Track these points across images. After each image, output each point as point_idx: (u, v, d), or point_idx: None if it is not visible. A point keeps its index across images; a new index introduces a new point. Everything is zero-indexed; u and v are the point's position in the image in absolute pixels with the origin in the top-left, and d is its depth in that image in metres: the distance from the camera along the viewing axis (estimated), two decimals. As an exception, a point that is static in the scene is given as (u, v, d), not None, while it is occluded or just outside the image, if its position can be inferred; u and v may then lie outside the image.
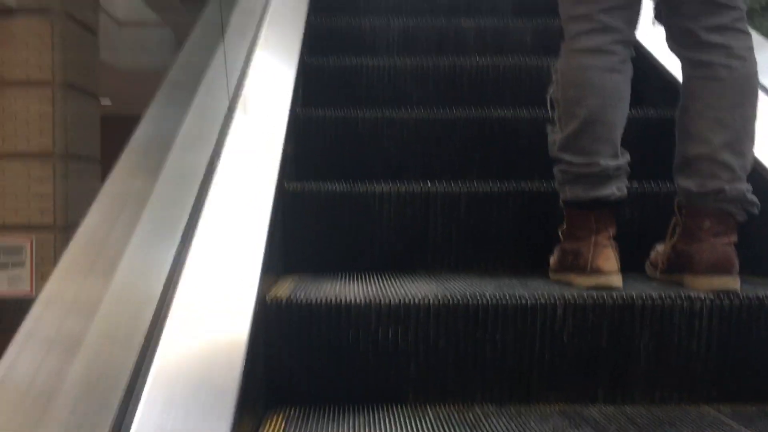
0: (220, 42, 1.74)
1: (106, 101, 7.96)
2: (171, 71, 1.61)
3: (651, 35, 1.86)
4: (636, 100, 1.59)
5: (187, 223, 1.13)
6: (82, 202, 3.87)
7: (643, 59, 2.09)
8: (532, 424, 1.18)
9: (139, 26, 6.52)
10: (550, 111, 1.53)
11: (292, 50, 2.12)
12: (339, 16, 2.79)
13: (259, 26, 2.07)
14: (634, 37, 1.48)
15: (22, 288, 3.89)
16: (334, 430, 1.15)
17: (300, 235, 1.70)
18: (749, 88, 1.39)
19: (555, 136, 1.49)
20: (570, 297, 1.30)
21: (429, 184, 1.73)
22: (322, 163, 2.00)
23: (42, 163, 4.01)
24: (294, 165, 1.91)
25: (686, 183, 1.41)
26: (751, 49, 1.40)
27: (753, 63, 1.40)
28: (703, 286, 1.33)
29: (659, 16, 1.50)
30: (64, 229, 3.96)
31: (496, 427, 1.16)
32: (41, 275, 3.91)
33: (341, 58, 2.39)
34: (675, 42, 1.47)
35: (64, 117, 4.07)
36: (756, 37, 1.56)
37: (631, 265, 1.49)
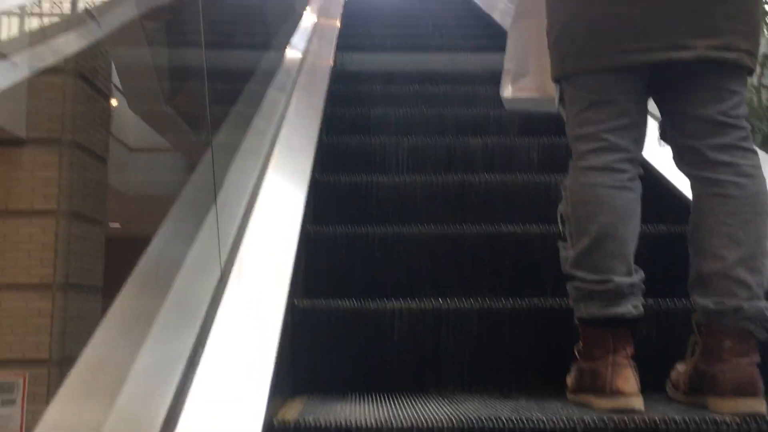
0: (232, 163, 1.79)
1: (115, 224, 8.03)
2: (183, 192, 1.64)
3: (658, 153, 1.90)
4: (647, 216, 1.60)
5: (194, 346, 1.11)
6: (79, 334, 3.77)
7: (651, 177, 2.12)
8: None
9: (151, 151, 6.60)
10: (561, 227, 1.53)
11: (304, 169, 2.16)
12: (350, 135, 2.87)
13: (271, 146, 2.12)
14: (641, 155, 1.50)
15: (12, 429, 3.62)
16: None
17: (310, 353, 1.66)
18: (760, 205, 1.39)
19: (567, 252, 1.48)
20: (590, 421, 1.24)
21: (440, 301, 1.71)
22: (333, 279, 1.99)
23: (41, 294, 3.92)
24: (304, 282, 1.90)
25: (703, 301, 1.39)
26: (758, 167, 1.42)
27: (762, 180, 1.41)
28: (729, 409, 1.28)
29: (665, 135, 1.53)
30: (60, 363, 3.80)
31: None
32: (32, 415, 3.67)
33: (352, 175, 2.43)
34: (682, 161, 1.49)
35: (67, 246, 4.03)
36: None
37: (650, 385, 1.45)
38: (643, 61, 1.42)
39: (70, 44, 2.98)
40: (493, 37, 4.50)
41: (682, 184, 1.86)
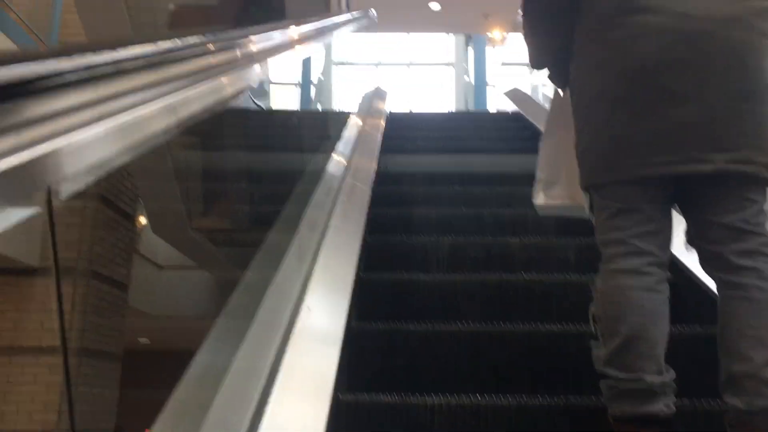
0: (279, 270, 1.91)
1: (144, 339, 7.65)
2: (229, 303, 1.75)
3: (688, 254, 1.97)
4: (678, 316, 1.66)
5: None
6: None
7: (683, 277, 2.18)
8: None
9: (180, 269, 6.17)
10: (593, 326, 1.60)
11: (349, 268, 2.28)
12: (393, 234, 3.00)
13: (318, 248, 2.26)
14: (668, 259, 1.58)
15: None
16: None
17: (353, 447, 1.73)
18: (785, 308, 1.45)
19: (599, 351, 1.55)
20: None
21: (479, 397, 1.77)
22: (375, 374, 2.07)
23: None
24: (347, 375, 1.98)
25: (733, 400, 1.43)
26: (781, 272, 1.49)
27: None
28: None
29: (691, 240, 1.62)
30: None
31: None
32: None
33: (394, 273, 2.54)
34: (707, 264, 1.57)
35: (76, 389, 3.55)
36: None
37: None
38: (665, 173, 1.52)
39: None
40: (530, 139, 4.68)
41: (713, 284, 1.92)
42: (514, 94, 6.58)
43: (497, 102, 13.03)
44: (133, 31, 3.52)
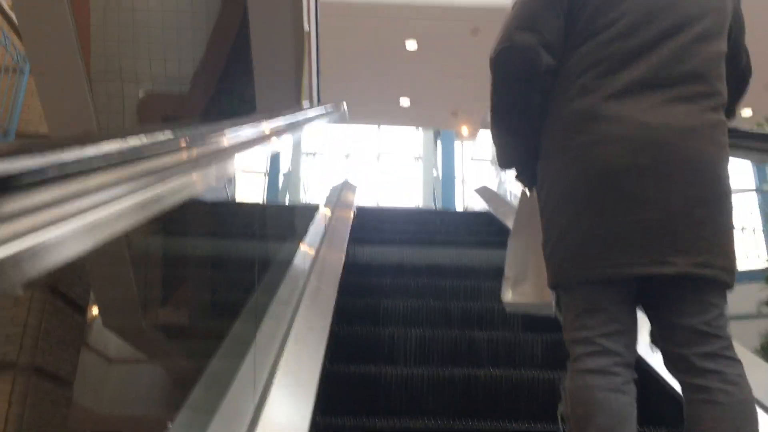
0: (243, 362, 1.88)
1: None
2: (193, 392, 1.72)
3: (655, 356, 1.99)
4: (646, 418, 1.66)
5: None
6: None
7: (650, 378, 2.20)
8: None
9: (132, 363, 5.57)
10: (561, 426, 1.60)
11: (316, 359, 2.26)
12: (360, 326, 2.99)
13: (284, 340, 2.24)
14: (634, 359, 1.60)
15: None
16: None
17: None
18: (749, 413, 1.47)
19: (568, 453, 1.54)
20: None
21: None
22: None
23: None
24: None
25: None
26: (743, 375, 1.51)
27: (748, 389, 1.49)
28: None
29: (655, 341, 1.64)
30: None
31: None
32: None
33: (361, 365, 2.52)
34: (672, 366, 1.59)
35: None
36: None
37: None
38: (629, 274, 1.55)
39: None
40: (497, 234, 4.76)
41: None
42: (484, 192, 6.74)
43: (466, 197, 13.23)
44: (96, 118, 3.50)
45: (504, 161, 1.87)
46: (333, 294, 3.03)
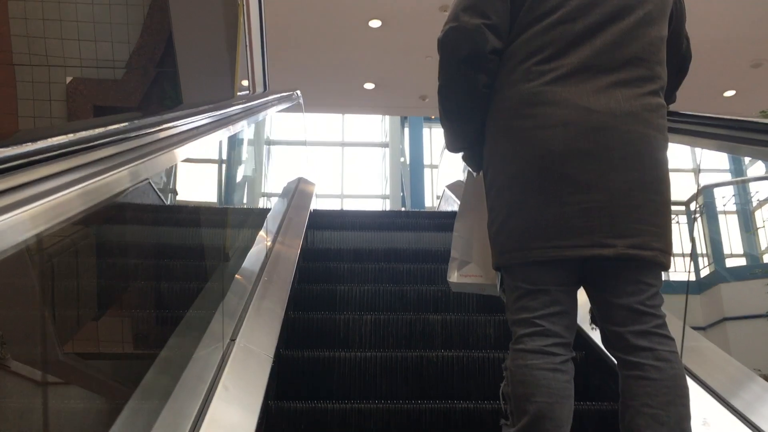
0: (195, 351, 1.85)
1: None
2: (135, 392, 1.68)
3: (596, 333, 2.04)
4: (586, 392, 1.71)
5: None
6: None
7: (592, 352, 2.26)
8: None
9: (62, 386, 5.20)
10: (503, 405, 1.64)
11: (269, 345, 2.27)
12: (316, 312, 3.00)
13: (239, 323, 2.24)
14: (572, 340, 1.65)
15: None
16: None
17: None
18: (679, 388, 1.52)
19: (509, 430, 1.58)
20: None
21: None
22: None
23: None
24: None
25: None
26: (675, 352, 1.56)
27: (679, 365, 1.55)
28: None
29: (594, 320, 1.69)
30: None
31: None
32: None
33: (315, 351, 2.54)
34: (608, 343, 1.64)
35: None
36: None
37: None
38: (570, 255, 1.59)
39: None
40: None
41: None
42: (457, 189, 6.00)
43: (436, 185, 12.81)
44: (18, 106, 3.31)
45: (451, 143, 1.89)
46: (289, 277, 3.04)
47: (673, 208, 1.71)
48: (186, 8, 3.38)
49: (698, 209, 3.82)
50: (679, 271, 3.63)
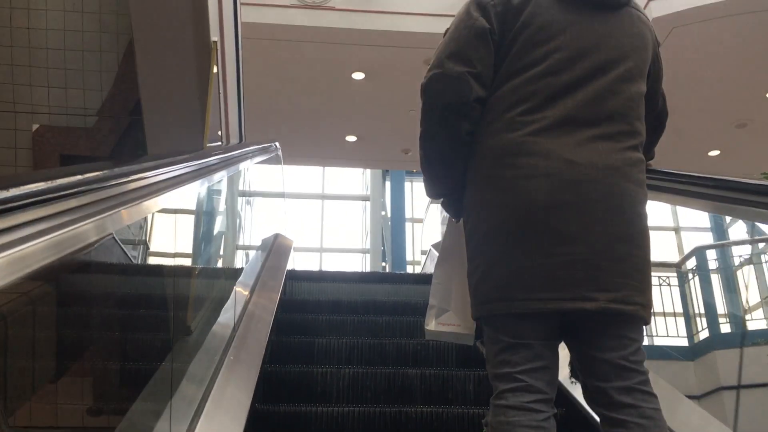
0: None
1: None
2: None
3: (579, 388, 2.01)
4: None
5: None
6: None
7: (573, 408, 2.22)
8: None
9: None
10: (484, 462, 1.59)
11: (244, 400, 2.20)
12: (293, 365, 2.93)
13: (214, 377, 2.17)
14: (554, 395, 1.61)
15: None
16: None
17: None
18: (664, 446, 1.49)
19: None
20: None
21: None
22: None
23: None
24: None
25: None
26: (658, 410, 1.53)
27: (663, 422, 1.51)
28: None
29: (575, 374, 1.66)
30: None
31: None
32: None
33: (292, 405, 2.47)
34: (590, 399, 1.60)
35: None
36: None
37: None
38: (553, 308, 1.56)
39: None
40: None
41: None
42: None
43: (418, 239, 12.50)
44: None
45: (431, 190, 1.86)
46: (266, 330, 2.98)
47: (664, 269, 1.70)
48: (153, 53, 3.28)
49: (691, 271, 3.79)
50: (671, 335, 3.59)
